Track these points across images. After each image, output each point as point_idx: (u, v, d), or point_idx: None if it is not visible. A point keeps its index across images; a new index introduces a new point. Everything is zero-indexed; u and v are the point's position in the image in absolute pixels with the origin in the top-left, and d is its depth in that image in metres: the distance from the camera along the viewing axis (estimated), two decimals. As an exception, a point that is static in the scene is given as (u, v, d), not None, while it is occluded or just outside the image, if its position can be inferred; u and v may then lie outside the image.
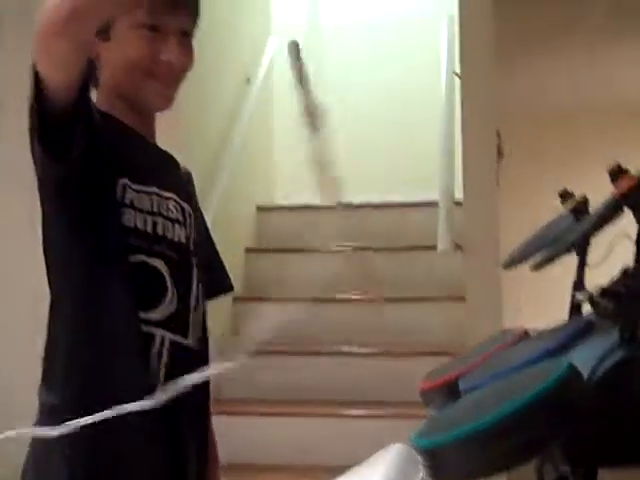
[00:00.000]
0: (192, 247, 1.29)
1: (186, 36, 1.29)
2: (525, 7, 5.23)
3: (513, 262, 1.80)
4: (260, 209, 4.71)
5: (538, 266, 1.51)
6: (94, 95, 1.26)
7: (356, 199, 4.70)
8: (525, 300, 6.87)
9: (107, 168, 1.17)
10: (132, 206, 1.19)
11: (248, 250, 4.39)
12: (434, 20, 4.70)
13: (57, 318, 1.21)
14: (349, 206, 1.46)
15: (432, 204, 3.84)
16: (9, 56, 3.30)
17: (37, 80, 1.06)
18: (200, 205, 1.45)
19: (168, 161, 1.36)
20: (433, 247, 3.64)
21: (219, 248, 1.49)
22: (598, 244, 1.64)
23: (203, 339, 1.30)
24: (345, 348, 3.76)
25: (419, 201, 4.47)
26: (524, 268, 1.97)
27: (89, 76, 1.13)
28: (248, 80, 4.49)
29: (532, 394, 1.12)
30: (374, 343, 3.81)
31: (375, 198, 4.66)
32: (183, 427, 1.22)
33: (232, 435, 2.68)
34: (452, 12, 3.91)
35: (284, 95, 5.16)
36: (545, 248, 1.69)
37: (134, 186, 1.20)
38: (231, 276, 1.49)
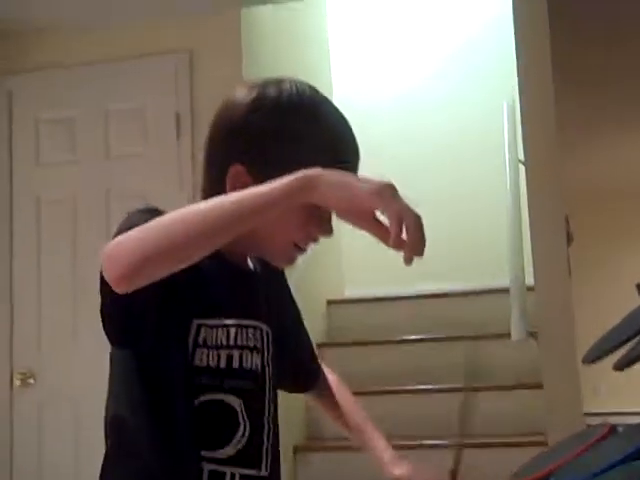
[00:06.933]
0: (268, 370, 1.27)
1: None
2: (585, 89, 5.27)
3: (593, 358, 1.76)
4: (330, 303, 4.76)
5: (621, 366, 1.46)
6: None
7: (424, 289, 4.73)
8: (602, 382, 6.68)
9: (182, 312, 1.16)
10: (205, 345, 1.17)
11: (318, 345, 4.40)
12: (494, 107, 4.75)
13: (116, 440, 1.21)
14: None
15: (503, 291, 3.82)
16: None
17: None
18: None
19: (251, 282, 1.31)
20: (507, 335, 3.61)
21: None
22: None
23: (275, 464, 1.28)
24: (424, 441, 3.70)
25: (490, 288, 4.45)
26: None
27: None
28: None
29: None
30: (450, 434, 3.74)
31: (443, 288, 4.67)
32: None
33: None
34: (511, 98, 3.96)
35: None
36: (626, 344, 1.65)
37: (210, 322, 1.19)
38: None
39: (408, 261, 0.98)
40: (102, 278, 1.03)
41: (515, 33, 3.47)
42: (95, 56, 3.82)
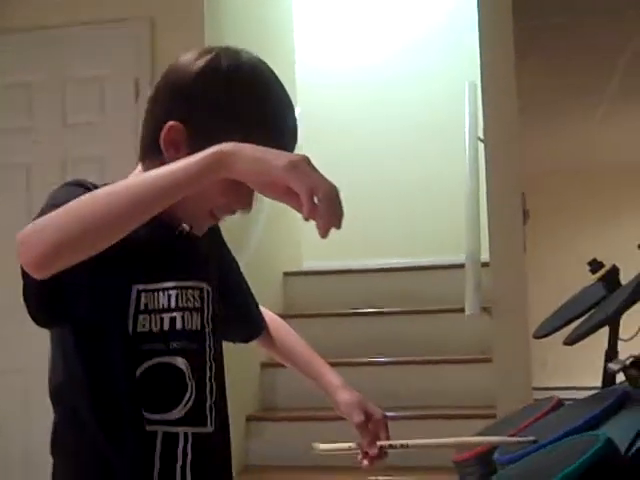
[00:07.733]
0: (208, 328, 1.27)
1: None
2: (545, 73, 5.32)
3: (544, 333, 1.81)
4: (287, 275, 4.77)
5: (571, 341, 1.51)
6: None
7: (382, 263, 4.77)
8: (550, 357, 6.80)
9: (119, 281, 1.16)
10: (146, 310, 1.17)
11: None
12: (456, 86, 4.78)
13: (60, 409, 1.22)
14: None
15: (459, 266, 3.86)
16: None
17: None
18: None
19: (188, 243, 1.27)
20: (460, 310, 3.66)
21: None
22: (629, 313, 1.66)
23: (221, 420, 1.29)
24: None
25: (446, 263, 4.50)
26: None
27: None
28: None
29: (571, 470, 1.12)
30: (402, 406, 3.80)
31: (401, 262, 4.71)
32: None
33: None
34: (473, 78, 3.98)
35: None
36: (577, 320, 1.70)
37: (150, 286, 1.19)
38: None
39: (323, 233, 0.96)
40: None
41: (478, 13, 3.49)
42: (54, 21, 3.74)
